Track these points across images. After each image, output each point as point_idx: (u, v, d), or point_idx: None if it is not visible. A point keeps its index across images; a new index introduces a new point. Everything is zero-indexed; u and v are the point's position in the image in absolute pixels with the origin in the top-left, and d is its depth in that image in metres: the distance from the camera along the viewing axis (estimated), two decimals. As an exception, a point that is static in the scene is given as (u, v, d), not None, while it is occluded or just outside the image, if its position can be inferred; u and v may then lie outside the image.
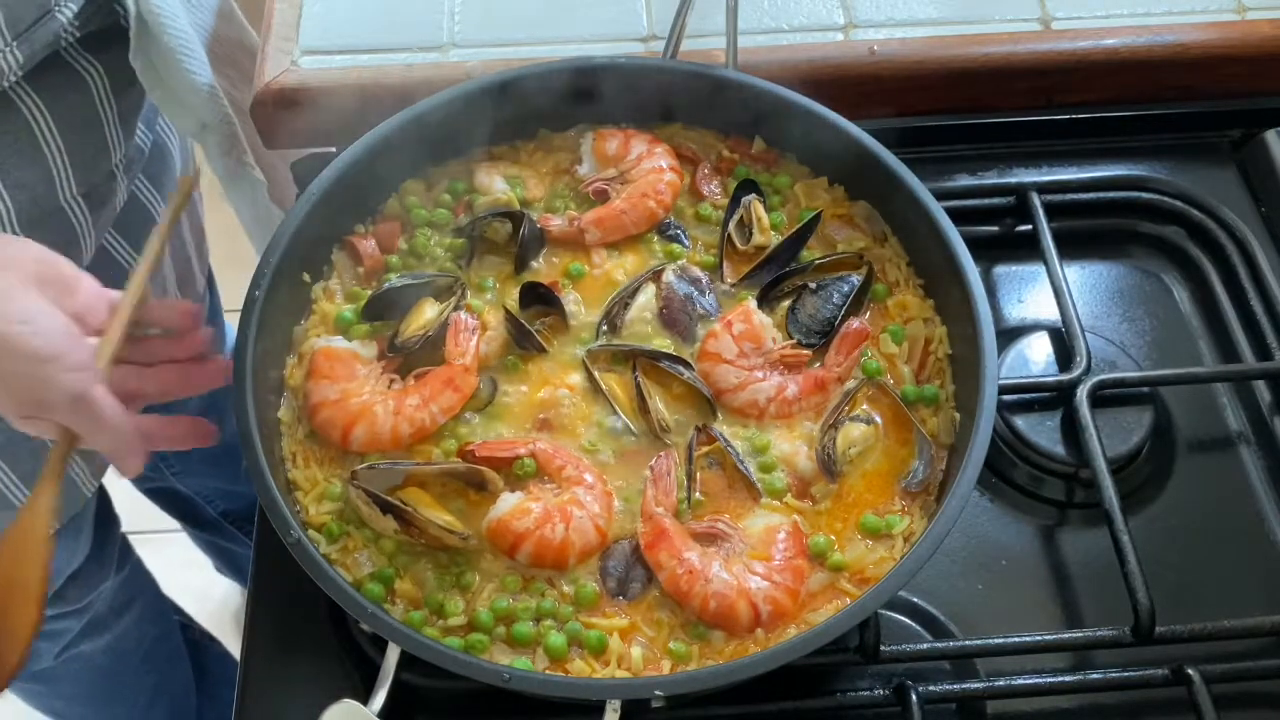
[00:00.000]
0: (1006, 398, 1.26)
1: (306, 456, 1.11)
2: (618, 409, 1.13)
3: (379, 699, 0.96)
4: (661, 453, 1.11)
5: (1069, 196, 1.40)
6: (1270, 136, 1.44)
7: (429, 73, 1.40)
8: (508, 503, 1.06)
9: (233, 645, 2.13)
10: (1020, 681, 1.10)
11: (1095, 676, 1.11)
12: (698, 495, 1.09)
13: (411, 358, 1.15)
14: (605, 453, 1.12)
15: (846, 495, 1.11)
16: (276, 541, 0.99)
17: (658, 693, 0.94)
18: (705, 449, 1.12)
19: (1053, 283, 1.30)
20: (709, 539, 1.07)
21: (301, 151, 1.44)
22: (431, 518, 1.05)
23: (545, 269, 1.23)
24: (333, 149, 1.38)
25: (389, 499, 1.05)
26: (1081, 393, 1.22)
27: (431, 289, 1.19)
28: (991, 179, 1.44)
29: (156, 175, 1.45)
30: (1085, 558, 1.20)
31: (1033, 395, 1.26)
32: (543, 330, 1.18)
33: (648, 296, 1.20)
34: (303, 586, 0.99)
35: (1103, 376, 1.24)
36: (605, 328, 1.19)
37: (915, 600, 1.17)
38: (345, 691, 0.99)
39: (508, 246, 1.22)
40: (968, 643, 1.12)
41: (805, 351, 1.16)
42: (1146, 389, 1.27)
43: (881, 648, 1.08)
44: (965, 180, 1.44)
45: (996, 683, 1.11)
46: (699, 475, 1.10)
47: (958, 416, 1.11)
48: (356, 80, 1.40)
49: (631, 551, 1.07)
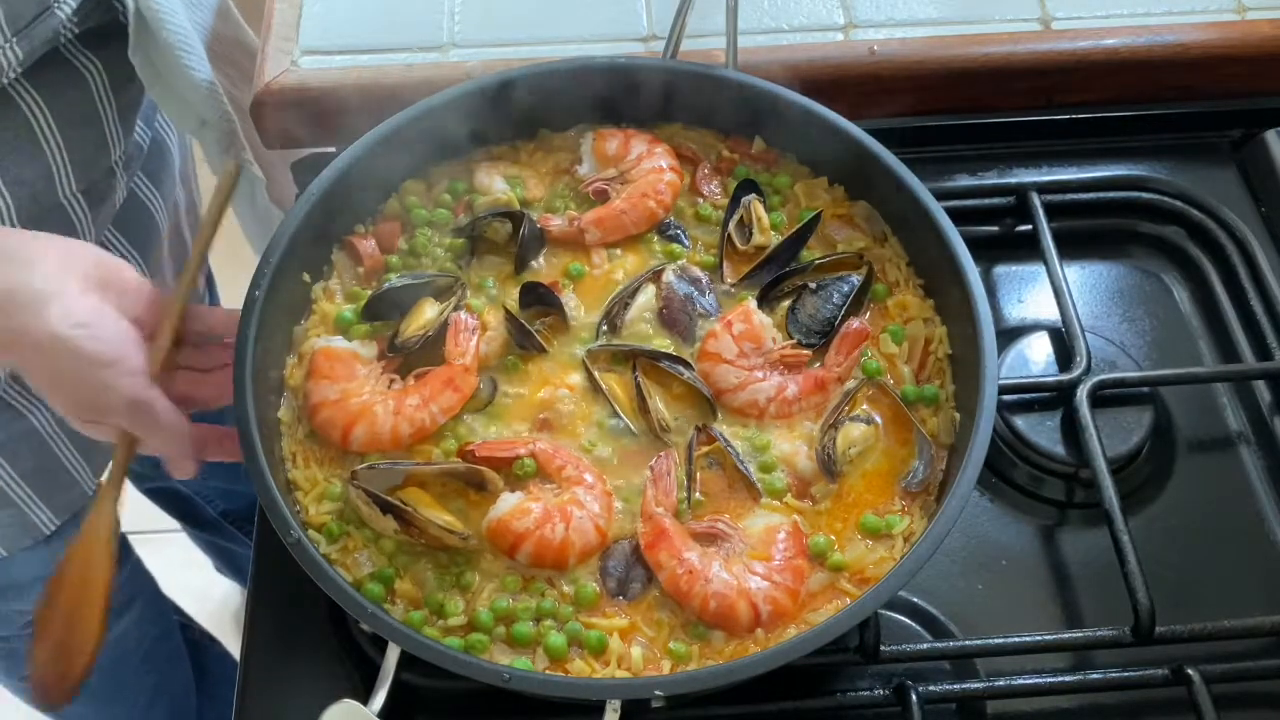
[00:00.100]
0: (1006, 398, 1.26)
1: (306, 456, 1.11)
2: (618, 409, 1.13)
3: (379, 699, 0.96)
4: (661, 453, 1.11)
5: (1069, 196, 1.40)
6: (1270, 136, 1.44)
7: (429, 73, 1.40)
8: (508, 503, 1.06)
9: (233, 645, 2.12)
10: (1020, 681, 1.10)
11: (1095, 676, 1.11)
12: (698, 495, 1.09)
13: (411, 358, 1.15)
14: (605, 453, 1.12)
15: (846, 495, 1.10)
16: (276, 541, 0.99)
17: (658, 693, 0.94)
18: (705, 449, 1.12)
19: (1053, 283, 1.30)
20: (709, 539, 1.07)
21: (301, 151, 1.44)
22: (431, 518, 1.05)
23: (545, 269, 1.23)
24: (333, 149, 1.38)
25: (389, 499, 1.05)
26: (1081, 393, 1.22)
27: (431, 289, 1.19)
28: (991, 179, 1.44)
29: (155, 173, 1.45)
30: (1085, 558, 1.20)
31: (1033, 395, 1.26)
32: (543, 330, 1.18)
33: (648, 296, 1.20)
34: (303, 586, 0.99)
35: (1103, 376, 1.24)
36: (605, 328, 1.19)
37: (915, 600, 1.17)
38: (345, 691, 0.99)
39: (508, 246, 1.22)
40: (968, 643, 1.12)
41: (805, 351, 1.16)
42: (1146, 389, 1.27)
43: (881, 648, 1.08)
44: (965, 180, 1.44)
45: (996, 683, 1.11)
46: (699, 475, 1.10)
47: (958, 416, 1.11)
48: (356, 80, 1.40)
49: (631, 551, 1.07)
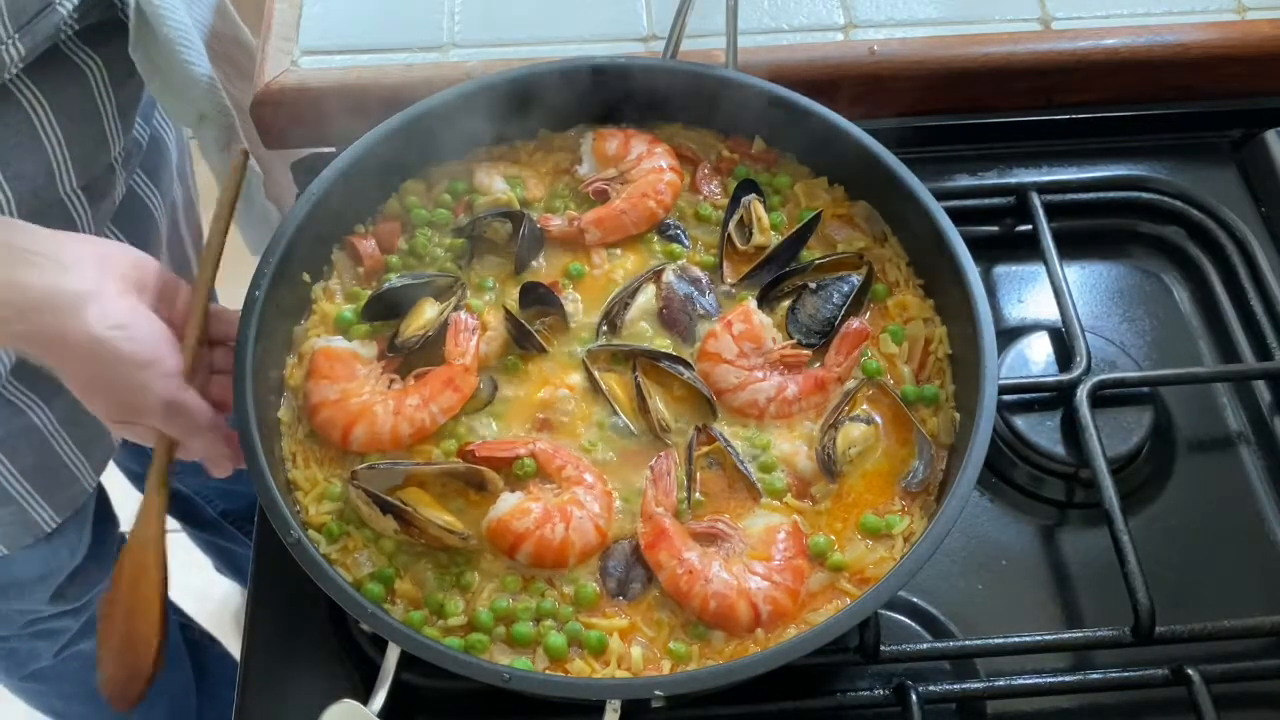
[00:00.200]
0: (1006, 398, 1.26)
1: (306, 456, 1.11)
2: (618, 409, 1.13)
3: (379, 699, 0.96)
4: (661, 453, 1.11)
5: (1069, 196, 1.40)
6: (1270, 136, 1.44)
7: (429, 73, 1.40)
8: (508, 503, 1.06)
9: (233, 645, 2.12)
10: (1020, 681, 1.10)
11: (1095, 676, 1.11)
12: (698, 495, 1.09)
13: (411, 358, 1.15)
14: (605, 453, 1.12)
15: (846, 495, 1.10)
16: (276, 541, 0.99)
17: (658, 693, 0.94)
18: (705, 449, 1.12)
19: (1053, 283, 1.30)
20: (709, 539, 1.07)
21: (301, 151, 1.44)
22: (431, 518, 1.05)
23: (545, 269, 1.23)
24: (333, 149, 1.38)
25: (389, 499, 1.05)
26: (1081, 393, 1.22)
27: (431, 289, 1.19)
28: (991, 179, 1.44)
29: (154, 170, 1.45)
30: (1085, 558, 1.20)
31: (1033, 395, 1.26)
32: (543, 330, 1.18)
33: (648, 296, 1.20)
34: (303, 586, 0.99)
35: (1103, 376, 1.24)
36: (605, 328, 1.19)
37: (915, 600, 1.17)
38: (345, 691, 0.99)
39: (508, 246, 1.22)
40: (968, 643, 1.12)
41: (805, 351, 1.16)
42: (1146, 389, 1.27)
43: (881, 648, 1.08)
44: (965, 180, 1.44)
45: (996, 683, 1.11)
46: (699, 475, 1.10)
47: (958, 416, 1.11)
48: (357, 80, 1.40)
49: (631, 551, 1.07)
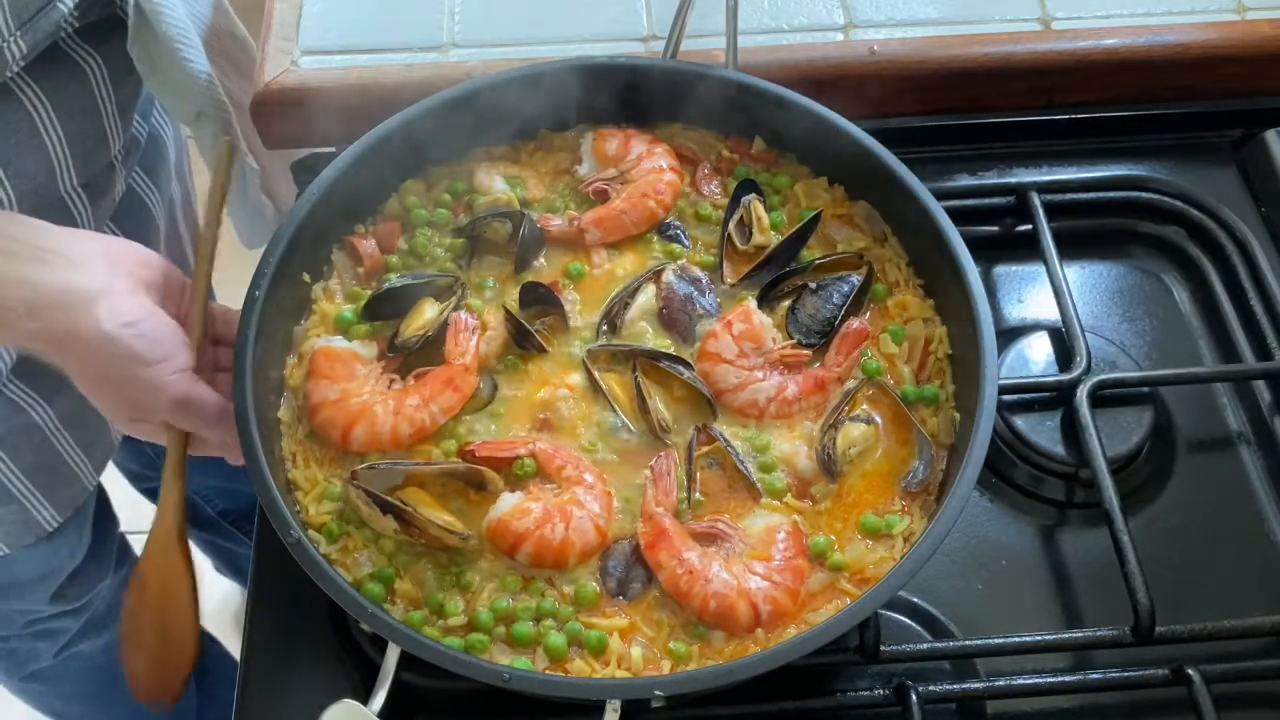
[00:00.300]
0: (1006, 398, 1.26)
1: (306, 456, 1.11)
2: (618, 409, 1.13)
3: (379, 699, 0.96)
4: (661, 453, 1.11)
5: (1069, 196, 1.40)
6: (1270, 136, 1.44)
7: (429, 73, 1.40)
8: (508, 503, 1.06)
9: (233, 645, 2.12)
10: (1020, 681, 1.10)
11: (1095, 676, 1.11)
12: (698, 495, 1.09)
13: (411, 358, 1.15)
14: (605, 453, 1.12)
15: (846, 495, 1.10)
16: (276, 541, 0.99)
17: (658, 693, 0.94)
18: (705, 449, 1.12)
19: (1053, 283, 1.30)
20: (709, 539, 1.07)
21: (301, 151, 1.44)
22: (431, 518, 1.05)
23: (545, 269, 1.23)
24: (333, 149, 1.38)
25: (389, 499, 1.05)
26: (1081, 393, 1.22)
27: (431, 289, 1.19)
28: (991, 179, 1.44)
29: (152, 168, 1.45)
30: (1085, 558, 1.20)
31: (1033, 395, 1.26)
32: (543, 330, 1.18)
33: (648, 296, 1.20)
34: (303, 586, 0.99)
35: (1103, 376, 1.24)
36: (605, 328, 1.19)
37: (915, 600, 1.17)
38: (345, 691, 1.00)
39: (508, 246, 1.22)
40: (968, 643, 1.12)
41: (805, 351, 1.16)
42: (1146, 389, 1.27)
43: (881, 648, 1.08)
44: (965, 180, 1.44)
45: (996, 683, 1.11)
46: (699, 475, 1.10)
47: (958, 416, 1.11)
48: (356, 80, 1.40)
49: (631, 551, 1.07)
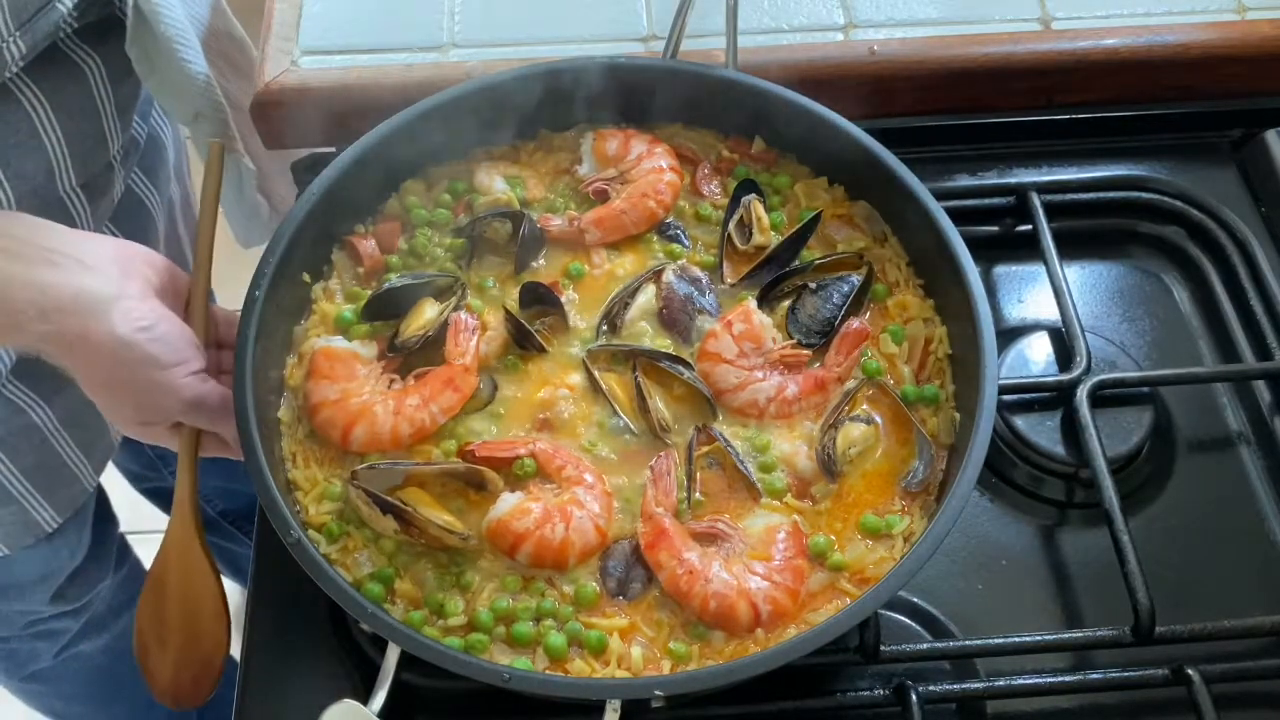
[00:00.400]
0: (1006, 398, 1.26)
1: (306, 456, 1.11)
2: (618, 409, 1.13)
3: (379, 699, 0.96)
4: (661, 453, 1.11)
5: (1069, 196, 1.40)
6: (1270, 136, 1.44)
7: (429, 73, 1.40)
8: (508, 503, 1.06)
9: (233, 645, 2.12)
10: (1020, 681, 1.10)
11: (1095, 676, 1.11)
12: (698, 495, 1.09)
13: (411, 358, 1.15)
14: (605, 453, 1.12)
15: (846, 495, 1.10)
16: (276, 541, 0.99)
17: (658, 693, 0.94)
18: (705, 449, 1.12)
19: (1053, 283, 1.30)
20: (709, 539, 1.07)
21: (301, 151, 1.44)
22: (431, 518, 1.05)
23: (545, 269, 1.23)
24: (333, 149, 1.38)
25: (389, 499, 1.05)
26: (1081, 393, 1.22)
27: (431, 289, 1.19)
28: (991, 179, 1.44)
29: (151, 168, 1.45)
30: (1085, 558, 1.20)
31: (1033, 395, 1.26)
32: (543, 330, 1.18)
33: (648, 296, 1.20)
34: (303, 586, 0.99)
35: (1103, 376, 1.24)
36: (605, 328, 1.19)
37: (915, 600, 1.17)
38: (345, 691, 1.00)
39: (508, 246, 1.22)
40: (968, 643, 1.12)
41: (805, 351, 1.16)
42: (1146, 389, 1.27)
43: (881, 648, 1.08)
44: (965, 180, 1.44)
45: (996, 683, 1.11)
46: (699, 475, 1.10)
47: (958, 416, 1.11)
48: (357, 80, 1.40)
49: (631, 551, 1.07)
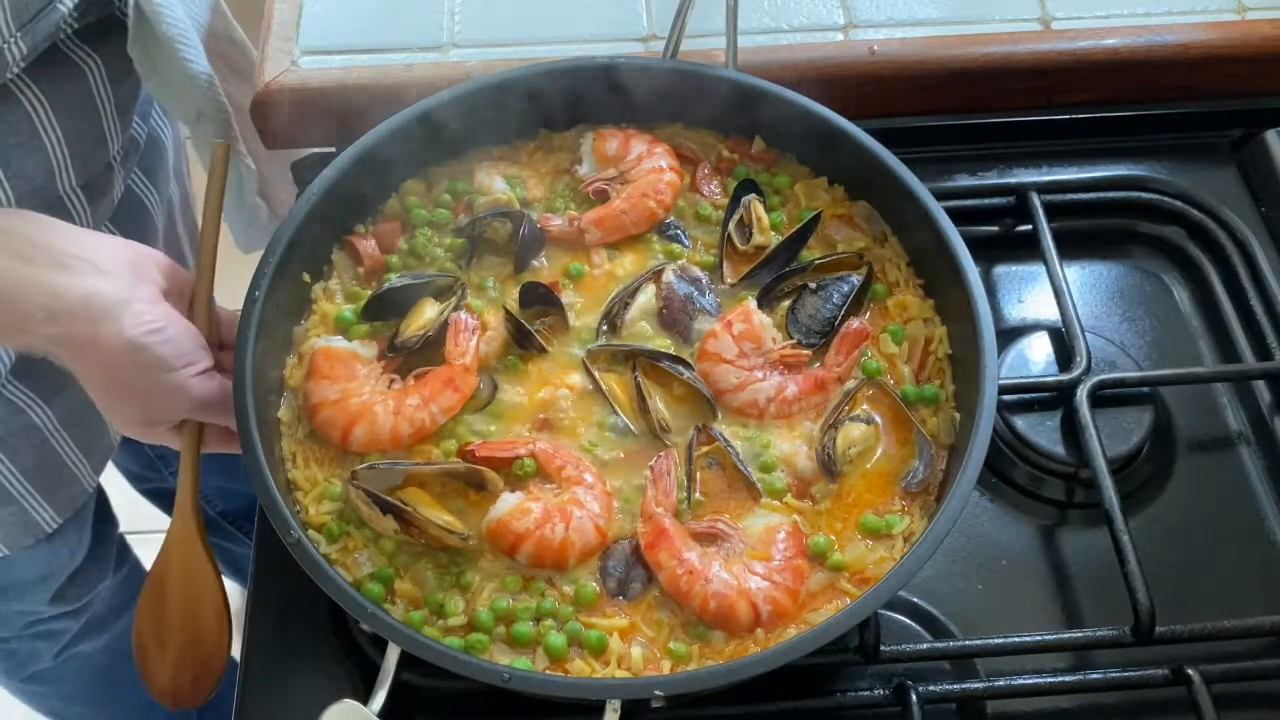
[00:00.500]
0: (1006, 398, 1.25)
1: (306, 456, 1.11)
2: (618, 409, 1.13)
3: (379, 699, 0.96)
4: (661, 453, 1.11)
5: (1069, 196, 1.40)
6: (1270, 136, 1.44)
7: (429, 73, 1.40)
8: (508, 503, 1.06)
9: (233, 645, 2.12)
10: (1020, 681, 1.10)
11: (1095, 676, 1.11)
12: (698, 495, 1.09)
13: (411, 358, 1.15)
14: (605, 453, 1.12)
15: (846, 495, 1.10)
16: (276, 541, 0.99)
17: (658, 693, 0.94)
18: (705, 449, 1.12)
19: (1053, 283, 1.30)
20: (709, 539, 1.07)
21: (301, 151, 1.44)
22: (431, 518, 1.05)
23: (545, 269, 1.23)
24: (333, 149, 1.38)
25: (389, 499, 1.05)
26: (1081, 393, 1.22)
27: (431, 289, 1.19)
28: (991, 179, 1.44)
29: (151, 168, 1.45)
30: (1085, 558, 1.20)
31: (1033, 395, 1.26)
32: (543, 330, 1.18)
33: (648, 296, 1.20)
34: (303, 586, 0.99)
35: (1103, 376, 1.24)
36: (605, 328, 1.19)
37: (915, 600, 1.17)
38: (345, 691, 1.00)
39: (508, 246, 1.22)
40: (968, 643, 1.12)
41: (805, 351, 1.16)
42: (1146, 389, 1.27)
43: (881, 648, 1.08)
44: (965, 180, 1.44)
45: (996, 683, 1.10)
46: (699, 475, 1.10)
47: (958, 416, 1.11)
48: (356, 80, 1.40)
49: (631, 551, 1.07)
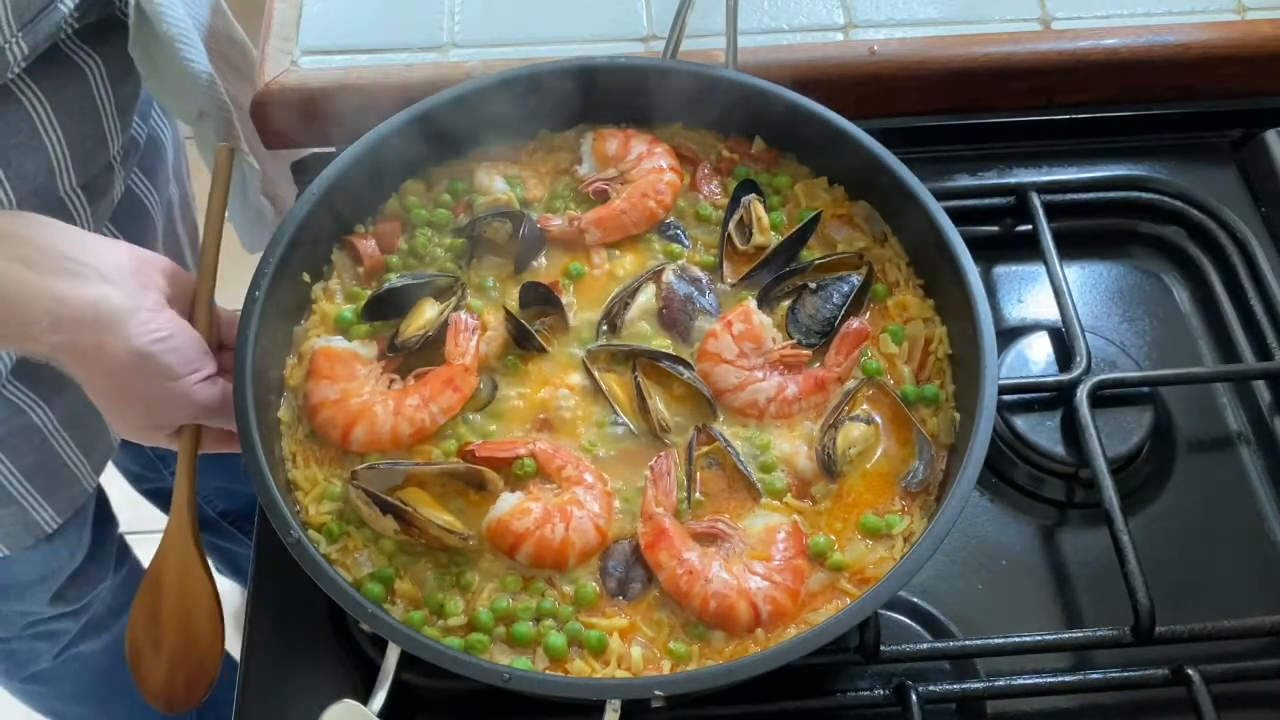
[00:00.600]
0: (1006, 398, 1.26)
1: (306, 456, 1.11)
2: (618, 409, 1.13)
3: (379, 699, 0.96)
4: (661, 453, 1.11)
5: (1069, 196, 1.40)
6: (1270, 136, 1.44)
7: (429, 73, 1.40)
8: (508, 503, 1.06)
9: (233, 645, 2.12)
10: (1020, 681, 1.10)
11: (1095, 676, 1.11)
12: (698, 495, 1.09)
13: (411, 358, 1.15)
14: (605, 453, 1.12)
15: (846, 495, 1.10)
16: (276, 541, 0.99)
17: (658, 693, 0.94)
18: (705, 449, 1.12)
19: (1053, 283, 1.30)
20: (709, 539, 1.07)
21: (301, 151, 1.44)
22: (431, 518, 1.05)
23: (545, 269, 1.23)
24: (333, 149, 1.38)
25: (389, 499, 1.05)
26: (1081, 393, 1.22)
27: (431, 289, 1.19)
28: (991, 179, 1.44)
29: (151, 168, 1.45)
30: (1085, 558, 1.20)
31: (1033, 395, 1.26)
32: (543, 330, 1.18)
33: (648, 296, 1.20)
34: (303, 586, 0.99)
35: (1103, 376, 1.24)
36: (605, 328, 1.19)
37: (915, 600, 1.17)
38: (345, 691, 1.00)
39: (508, 246, 1.22)
40: (968, 643, 1.12)
41: (805, 351, 1.16)
42: (1146, 389, 1.27)
43: (881, 648, 1.08)
44: (965, 180, 1.44)
45: (996, 683, 1.11)
46: (699, 475, 1.10)
47: (958, 416, 1.11)
48: (356, 80, 1.40)
49: (631, 551, 1.07)
